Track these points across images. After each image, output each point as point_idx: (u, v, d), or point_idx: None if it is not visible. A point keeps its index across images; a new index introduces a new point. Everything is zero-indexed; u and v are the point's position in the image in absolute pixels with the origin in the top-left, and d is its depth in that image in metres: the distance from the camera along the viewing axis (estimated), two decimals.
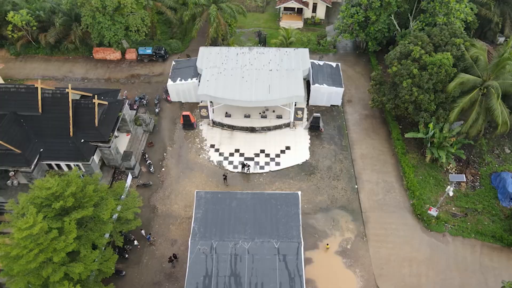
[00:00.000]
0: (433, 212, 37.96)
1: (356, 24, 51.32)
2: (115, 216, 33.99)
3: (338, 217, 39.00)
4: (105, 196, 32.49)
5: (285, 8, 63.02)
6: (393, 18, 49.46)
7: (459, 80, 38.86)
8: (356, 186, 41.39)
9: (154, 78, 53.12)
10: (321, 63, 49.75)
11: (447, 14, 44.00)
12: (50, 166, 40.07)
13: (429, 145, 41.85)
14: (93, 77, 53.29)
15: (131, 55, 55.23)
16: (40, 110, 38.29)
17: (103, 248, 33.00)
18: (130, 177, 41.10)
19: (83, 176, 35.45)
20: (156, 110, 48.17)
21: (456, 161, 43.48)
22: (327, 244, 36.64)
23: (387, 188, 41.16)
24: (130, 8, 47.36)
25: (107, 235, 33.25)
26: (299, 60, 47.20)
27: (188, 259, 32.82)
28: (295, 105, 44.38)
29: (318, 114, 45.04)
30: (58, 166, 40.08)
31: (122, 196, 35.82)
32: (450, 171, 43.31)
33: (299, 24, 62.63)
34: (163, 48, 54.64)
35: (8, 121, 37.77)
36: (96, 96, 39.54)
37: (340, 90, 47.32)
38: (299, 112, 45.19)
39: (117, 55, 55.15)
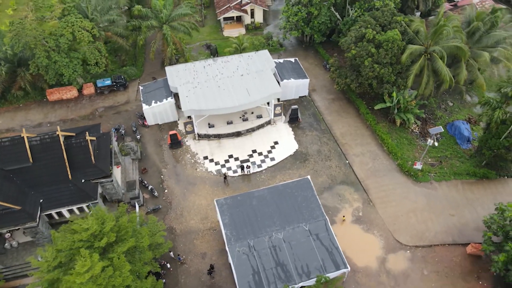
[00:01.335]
0: (418, 166, 43.59)
1: (301, 20, 55.98)
2: None
3: (342, 192, 42.76)
4: (135, 226, 32.24)
5: (225, 18, 65.77)
6: (333, 9, 55.03)
7: (409, 51, 45.08)
8: (347, 161, 45.61)
9: (121, 107, 52.22)
10: (281, 60, 53.42)
11: None
12: (49, 216, 37.91)
13: (396, 111, 47.69)
14: (55, 119, 50.69)
15: (89, 89, 53.54)
16: (30, 160, 36.17)
17: (145, 277, 32.58)
18: (137, 206, 40.50)
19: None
20: (138, 136, 47.64)
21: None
22: (343, 216, 40.16)
23: (373, 156, 46.03)
24: (87, 42, 46.28)
25: None
26: (264, 61, 50.30)
27: (231, 263, 33.86)
28: (268, 104, 47.50)
29: (296, 106, 48.60)
30: (59, 214, 38.11)
31: (138, 226, 35.48)
32: (414, 130, 49.77)
33: (242, 30, 65.81)
34: (122, 76, 53.93)
35: None
36: (87, 132, 38.36)
37: (306, 81, 51.42)
38: (278, 108, 48.27)
39: (74, 92, 53.07)
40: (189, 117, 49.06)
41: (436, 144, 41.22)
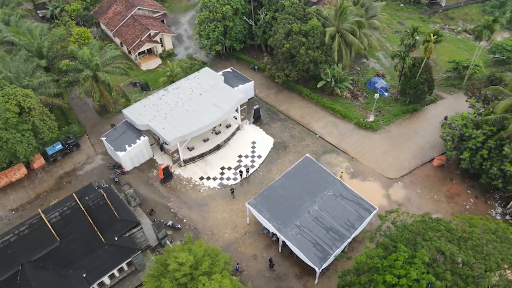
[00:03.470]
0: (371, 118, 53.26)
1: (220, 34, 60.82)
2: None
3: (328, 160, 49.55)
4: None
5: (139, 53, 66.10)
6: (246, 18, 61.42)
7: (328, 33, 54.20)
8: (317, 136, 52.61)
9: (86, 167, 49.26)
10: (221, 73, 57.35)
11: None
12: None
13: (333, 84, 56.68)
14: (17, 205, 45.13)
15: (39, 161, 48.80)
16: (58, 239, 33.20)
17: None
18: (169, 243, 40.23)
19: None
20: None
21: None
22: (341, 173, 47.03)
23: (334, 124, 54.07)
24: (38, 109, 42.91)
25: None
26: (211, 76, 53.72)
27: (292, 246, 37.37)
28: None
29: (257, 106, 53.50)
30: (100, 284, 35.67)
31: None
32: (347, 96, 59.68)
33: (158, 60, 67.14)
34: (71, 136, 50.73)
35: (30, 274, 31.37)
36: (101, 190, 36.63)
37: (252, 83, 56.64)
38: (243, 112, 52.43)
39: (23, 171, 47.75)
40: (162, 148, 49.90)
41: (386, 94, 51.22)
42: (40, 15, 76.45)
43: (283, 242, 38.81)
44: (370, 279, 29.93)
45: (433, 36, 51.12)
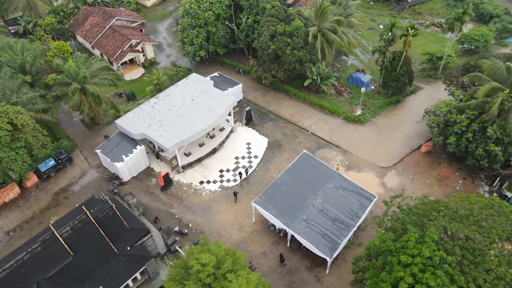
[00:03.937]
0: (359, 111, 55.31)
1: (203, 40, 61.39)
2: None
3: (323, 155, 51.05)
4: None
5: (121, 64, 65.50)
6: (228, 22, 62.28)
7: (310, 33, 55.93)
8: (309, 132, 54.10)
9: (81, 181, 48.48)
10: (209, 77, 57.89)
11: (268, 2, 60.20)
12: None
13: (319, 81, 58.45)
14: (13, 226, 43.84)
15: (32, 179, 47.58)
16: (71, 254, 32.75)
17: None
18: (178, 248, 40.38)
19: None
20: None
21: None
22: (337, 165, 48.65)
23: (324, 120, 55.75)
24: (31, 125, 42.00)
25: None
26: (201, 82, 54.19)
27: (301, 240, 38.43)
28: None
29: (249, 108, 54.40)
30: None
31: None
32: (331, 92, 61.67)
33: (141, 70, 66.82)
34: (63, 151, 49.80)
35: None
36: (110, 201, 36.38)
37: (240, 86, 57.48)
38: (235, 115, 53.19)
39: (16, 190, 46.43)
40: (158, 156, 49.95)
41: (372, 87, 53.35)
42: (12, 31, 74.26)
43: (292, 236, 39.81)
44: (385, 261, 31.38)
45: (411, 30, 53.85)
